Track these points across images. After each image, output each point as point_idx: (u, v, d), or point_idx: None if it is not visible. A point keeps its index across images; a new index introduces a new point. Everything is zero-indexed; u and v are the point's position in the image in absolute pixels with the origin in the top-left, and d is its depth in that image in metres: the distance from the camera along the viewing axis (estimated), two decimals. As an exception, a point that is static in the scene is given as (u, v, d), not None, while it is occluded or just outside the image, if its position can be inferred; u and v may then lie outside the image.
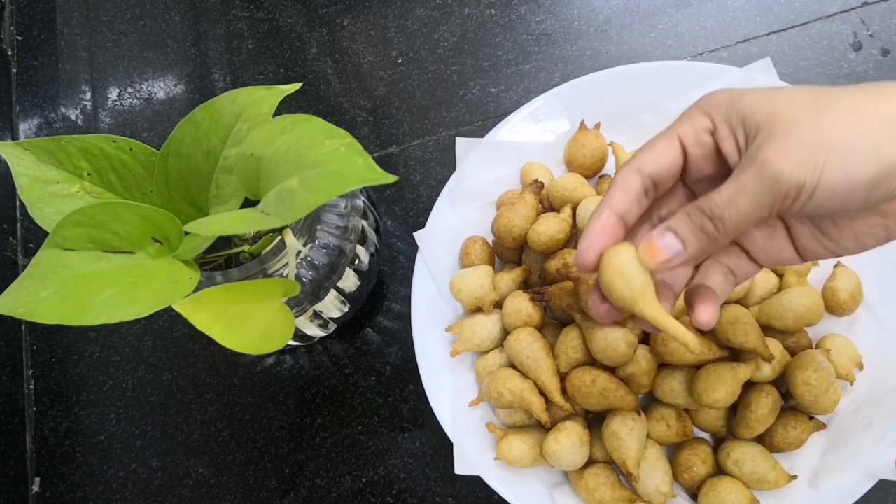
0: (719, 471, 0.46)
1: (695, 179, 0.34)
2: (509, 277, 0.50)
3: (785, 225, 0.33)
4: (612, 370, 0.46)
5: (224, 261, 0.47)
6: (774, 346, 0.46)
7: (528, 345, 0.46)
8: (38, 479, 0.56)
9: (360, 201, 0.49)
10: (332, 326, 0.53)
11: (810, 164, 0.27)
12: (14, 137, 0.68)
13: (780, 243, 0.33)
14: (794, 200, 0.28)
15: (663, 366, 0.46)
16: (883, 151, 0.27)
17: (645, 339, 0.47)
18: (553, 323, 0.50)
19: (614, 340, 0.44)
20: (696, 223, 0.30)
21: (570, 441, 0.44)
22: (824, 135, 0.27)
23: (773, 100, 0.29)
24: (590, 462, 0.46)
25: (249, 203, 0.42)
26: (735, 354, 0.46)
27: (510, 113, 0.55)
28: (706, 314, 0.33)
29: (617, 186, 0.32)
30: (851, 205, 0.28)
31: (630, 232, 0.34)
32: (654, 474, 0.44)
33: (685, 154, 0.32)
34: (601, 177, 0.54)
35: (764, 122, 0.28)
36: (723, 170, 0.32)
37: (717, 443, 0.47)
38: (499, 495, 0.46)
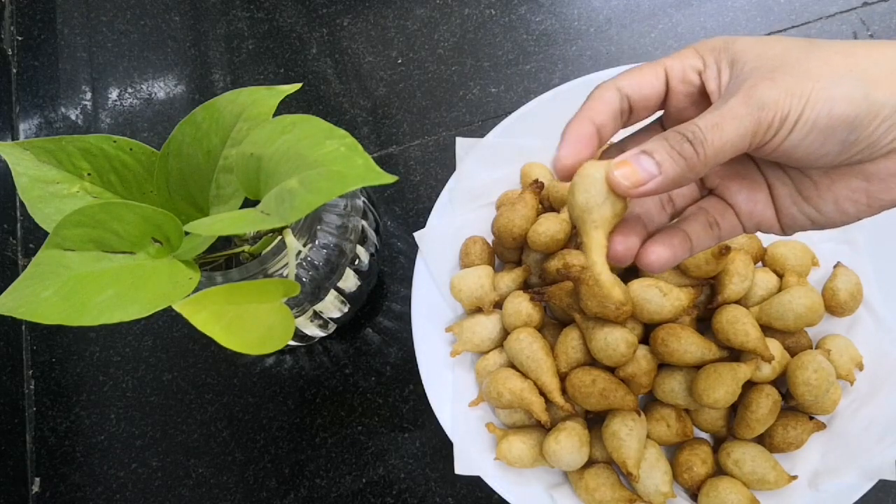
0: (719, 471, 0.46)
1: (673, 122, 0.32)
2: (509, 277, 0.50)
3: (767, 185, 0.32)
4: (612, 370, 0.46)
5: (224, 261, 0.47)
6: (774, 346, 0.46)
7: (527, 345, 0.46)
8: (38, 479, 0.56)
9: (360, 201, 0.49)
10: (332, 326, 0.53)
11: (797, 94, 0.26)
12: (14, 137, 0.68)
13: (762, 202, 0.32)
14: (777, 132, 0.27)
15: (663, 366, 0.46)
16: (871, 93, 0.26)
17: (645, 339, 0.47)
18: (553, 323, 0.50)
19: (614, 340, 0.44)
20: (674, 146, 0.27)
21: (570, 441, 0.44)
22: (813, 69, 0.27)
23: (765, 43, 0.28)
24: (590, 462, 0.46)
25: (249, 203, 0.42)
26: (735, 354, 0.46)
27: (510, 113, 0.55)
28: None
29: (594, 98, 0.31)
30: (829, 148, 0.27)
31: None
32: (654, 474, 0.44)
33: (668, 89, 0.31)
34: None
35: (753, 61, 0.28)
36: None
37: (717, 443, 0.47)
38: (499, 495, 0.46)
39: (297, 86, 0.43)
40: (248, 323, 0.38)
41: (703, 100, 0.31)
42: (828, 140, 0.27)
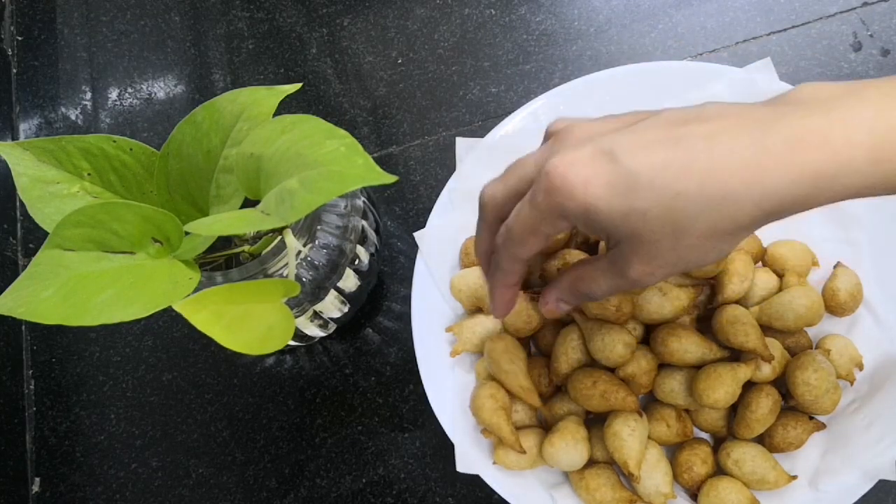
0: (719, 471, 0.46)
1: None
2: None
3: None
4: (612, 370, 0.46)
5: (224, 261, 0.47)
6: (774, 346, 0.46)
7: (496, 359, 0.47)
8: (38, 479, 0.56)
9: (360, 201, 0.49)
10: (332, 326, 0.53)
11: (669, 273, 0.32)
12: (14, 137, 0.68)
13: None
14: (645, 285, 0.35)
15: (663, 366, 0.46)
16: (730, 251, 0.32)
17: (645, 339, 0.47)
18: (553, 323, 0.50)
19: (612, 341, 0.44)
20: (574, 296, 0.37)
21: (563, 442, 0.44)
22: (681, 256, 0.31)
23: (630, 221, 0.30)
24: (590, 462, 0.46)
25: (249, 203, 0.42)
26: (735, 354, 0.46)
27: (510, 113, 0.55)
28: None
29: (504, 272, 0.37)
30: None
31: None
32: (654, 475, 0.44)
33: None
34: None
35: (626, 240, 0.31)
36: None
37: (717, 443, 0.47)
38: (499, 495, 0.46)
39: (297, 86, 0.43)
40: (248, 323, 0.38)
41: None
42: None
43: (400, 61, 0.65)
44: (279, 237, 0.44)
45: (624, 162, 0.29)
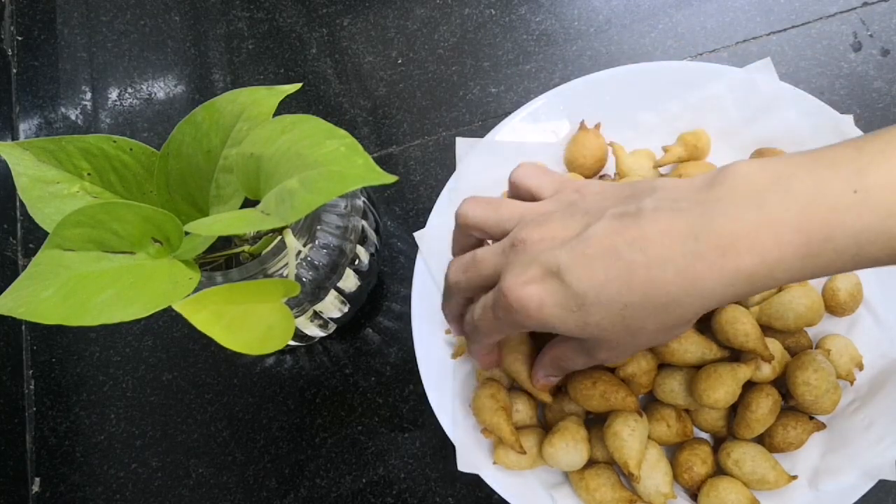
0: (719, 471, 0.46)
1: None
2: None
3: None
4: (612, 370, 0.46)
5: (224, 261, 0.47)
6: (774, 346, 0.46)
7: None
8: (38, 479, 0.56)
9: (360, 201, 0.49)
10: (332, 326, 0.53)
11: (633, 353, 0.43)
12: (14, 137, 0.68)
13: None
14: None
15: (663, 366, 0.46)
16: (683, 332, 0.40)
17: (645, 339, 0.47)
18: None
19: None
20: (557, 369, 0.42)
21: (563, 442, 0.44)
22: (640, 345, 0.36)
23: (587, 330, 0.34)
24: (590, 462, 0.46)
25: (249, 203, 0.42)
26: (735, 354, 0.46)
27: (510, 113, 0.55)
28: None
29: (480, 345, 0.42)
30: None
31: None
32: (654, 475, 0.44)
33: None
34: (601, 177, 0.54)
35: (588, 340, 0.36)
36: None
37: (717, 443, 0.47)
38: (499, 495, 0.46)
39: (297, 86, 0.43)
40: (248, 323, 0.38)
41: None
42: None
43: (400, 61, 0.65)
44: (279, 237, 0.44)
45: (571, 283, 0.32)
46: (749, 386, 0.45)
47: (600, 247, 0.32)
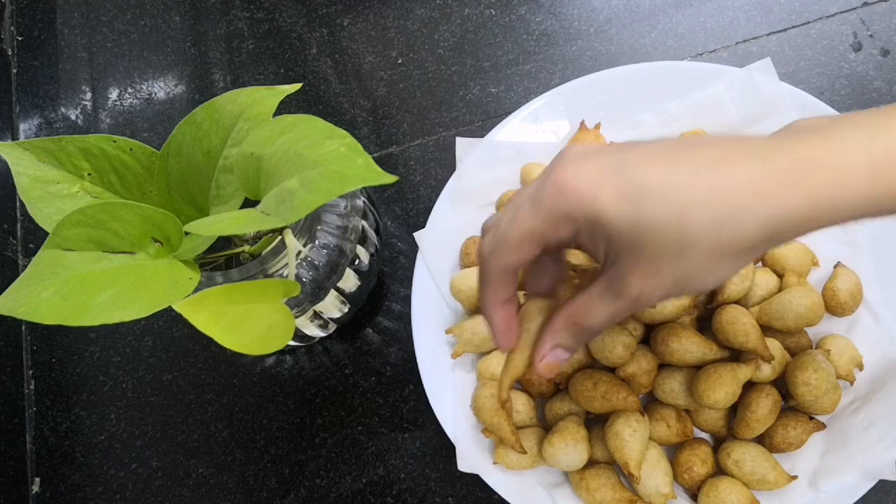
0: (719, 471, 0.46)
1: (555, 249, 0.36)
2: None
3: None
4: (612, 370, 0.46)
5: (224, 261, 0.47)
6: (774, 346, 0.46)
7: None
8: (38, 479, 0.56)
9: (360, 201, 0.49)
10: (332, 326, 0.53)
11: (669, 294, 0.31)
12: (14, 137, 0.68)
13: None
14: (646, 306, 0.34)
15: (663, 366, 0.46)
16: (731, 276, 0.32)
17: (645, 338, 0.47)
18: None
19: (611, 342, 0.44)
20: (573, 335, 0.35)
21: (563, 442, 0.44)
22: (684, 274, 0.30)
23: (637, 229, 0.30)
24: (590, 463, 0.46)
25: (249, 203, 0.42)
26: (735, 354, 0.46)
27: (510, 113, 0.55)
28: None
29: (490, 285, 0.35)
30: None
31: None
32: (655, 475, 0.44)
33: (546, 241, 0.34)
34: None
35: (628, 251, 0.30)
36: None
37: (717, 443, 0.47)
38: (499, 495, 0.46)
39: (297, 86, 0.43)
40: (248, 323, 0.38)
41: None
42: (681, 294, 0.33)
43: (400, 61, 0.65)
44: (279, 237, 0.44)
45: (632, 173, 0.29)
46: (749, 386, 0.45)
47: (664, 153, 0.30)
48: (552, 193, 0.31)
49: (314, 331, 0.52)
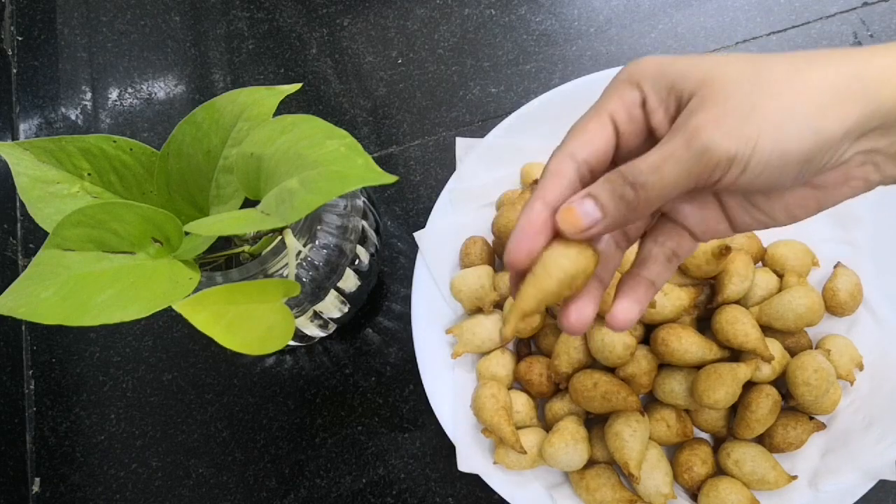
0: (719, 471, 0.46)
1: (626, 160, 0.31)
2: (509, 277, 0.50)
3: (716, 197, 0.32)
4: (612, 370, 0.46)
5: (224, 261, 0.47)
6: (774, 346, 0.46)
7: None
8: (38, 479, 0.56)
9: (360, 201, 0.49)
10: (332, 326, 0.53)
11: (743, 137, 0.26)
12: (14, 137, 0.68)
13: (713, 215, 0.32)
14: (725, 173, 0.27)
15: (663, 366, 0.46)
16: (818, 126, 0.26)
17: (645, 338, 0.47)
18: (554, 324, 0.50)
19: (611, 342, 0.44)
20: (616, 190, 0.28)
21: (563, 442, 0.44)
22: (759, 106, 0.26)
23: (706, 65, 0.27)
24: (590, 463, 0.46)
25: (249, 203, 0.42)
26: (735, 354, 0.46)
27: (510, 113, 0.55)
28: (622, 313, 0.31)
29: (549, 175, 0.29)
30: (785, 180, 0.27)
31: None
32: (655, 475, 0.44)
33: (617, 132, 0.30)
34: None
35: (696, 89, 0.27)
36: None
37: (717, 443, 0.47)
38: (499, 495, 0.46)
39: (297, 86, 0.43)
40: (248, 323, 0.38)
41: (650, 133, 0.30)
42: (783, 174, 0.27)
43: (400, 61, 0.65)
44: (279, 237, 0.44)
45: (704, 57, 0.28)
46: (749, 386, 0.45)
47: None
48: (621, 72, 0.29)
49: (314, 331, 0.52)
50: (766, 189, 0.29)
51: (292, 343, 0.54)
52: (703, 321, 0.48)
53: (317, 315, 0.50)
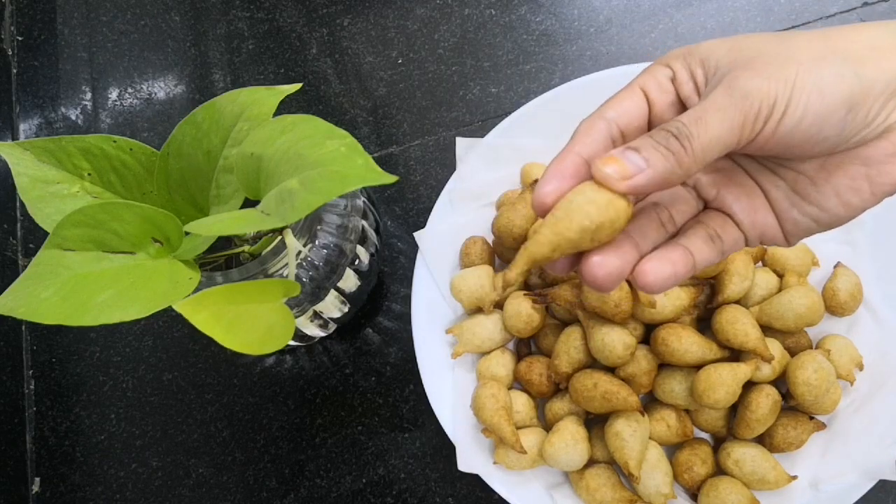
0: (719, 471, 0.46)
1: None
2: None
3: (762, 191, 0.31)
4: (612, 370, 0.46)
5: (224, 261, 0.47)
6: (774, 346, 0.46)
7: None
8: (38, 479, 0.56)
9: (360, 201, 0.49)
10: (332, 326, 0.53)
11: (781, 78, 0.25)
12: (14, 137, 0.68)
13: (761, 208, 0.31)
14: (767, 120, 0.26)
15: (663, 366, 0.46)
16: (859, 70, 0.25)
17: (645, 338, 0.47)
18: (555, 324, 0.50)
19: (611, 342, 0.44)
20: (660, 142, 0.26)
21: (563, 442, 0.44)
22: (794, 54, 0.26)
23: (731, 40, 0.28)
24: (590, 462, 0.46)
25: (250, 203, 0.42)
26: (735, 354, 0.46)
27: (510, 113, 0.55)
28: (653, 271, 0.28)
29: (581, 132, 0.28)
30: (827, 131, 0.26)
31: None
32: (655, 475, 0.44)
33: (649, 104, 0.30)
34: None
35: (724, 58, 0.27)
36: None
37: (717, 443, 0.47)
38: (499, 495, 0.46)
39: (297, 86, 0.43)
40: (248, 323, 0.38)
41: (682, 108, 0.30)
42: (825, 123, 0.26)
43: (400, 61, 0.65)
44: (279, 237, 0.44)
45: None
46: (749, 386, 0.45)
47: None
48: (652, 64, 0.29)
49: (314, 331, 0.52)
50: (809, 145, 0.27)
51: (292, 343, 0.54)
52: (704, 321, 0.48)
53: (317, 315, 0.50)
